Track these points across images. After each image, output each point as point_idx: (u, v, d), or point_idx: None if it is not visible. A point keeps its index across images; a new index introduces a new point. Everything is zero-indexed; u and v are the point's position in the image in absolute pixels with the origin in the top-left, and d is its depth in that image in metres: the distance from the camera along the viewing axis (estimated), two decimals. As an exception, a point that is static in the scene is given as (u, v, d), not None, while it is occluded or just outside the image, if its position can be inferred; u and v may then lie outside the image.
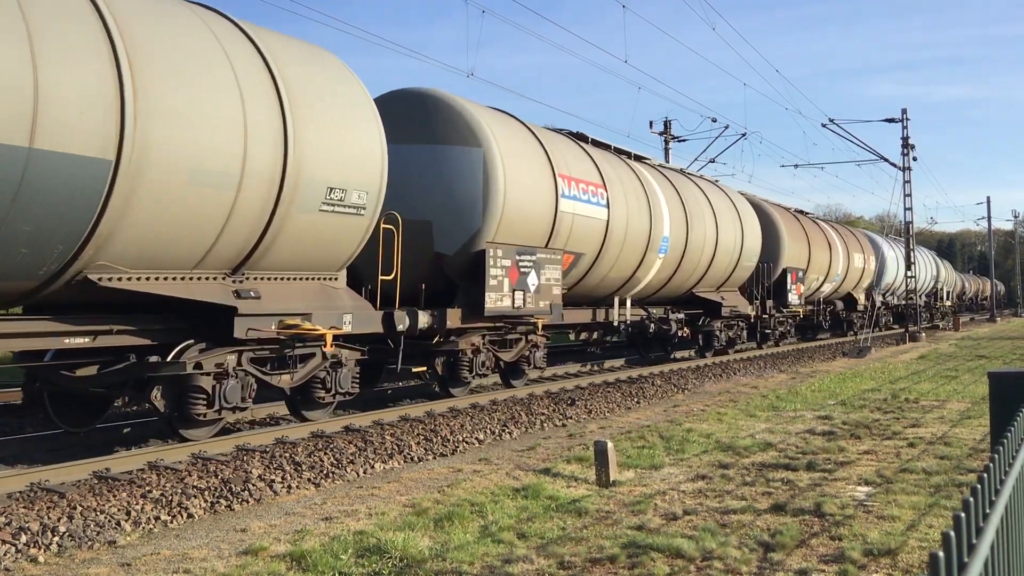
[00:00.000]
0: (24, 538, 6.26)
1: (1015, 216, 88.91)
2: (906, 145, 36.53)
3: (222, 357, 9.10)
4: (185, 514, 7.19)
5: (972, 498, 1.76)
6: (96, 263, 7.76)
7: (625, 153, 19.11)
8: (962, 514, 1.65)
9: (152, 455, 8.66)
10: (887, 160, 37.54)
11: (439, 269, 12.76)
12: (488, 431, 11.22)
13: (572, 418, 12.70)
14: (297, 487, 8.20)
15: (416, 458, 9.70)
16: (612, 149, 18.41)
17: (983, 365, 21.11)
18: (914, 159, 36.77)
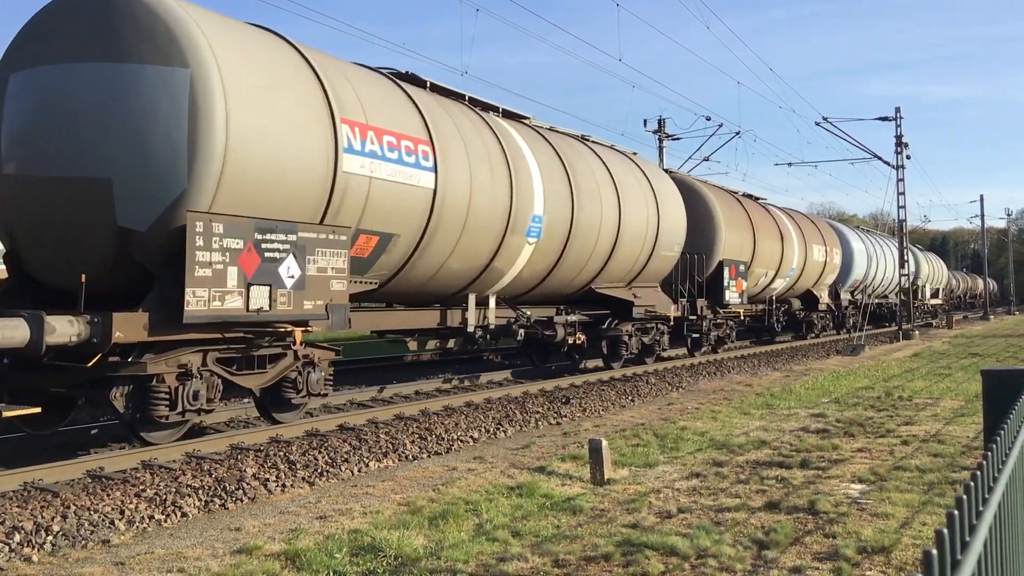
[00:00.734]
0: (18, 537, 6.25)
1: (1008, 214, 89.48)
2: (899, 143, 36.60)
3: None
4: (179, 513, 7.18)
5: (965, 496, 1.76)
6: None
7: (484, 106, 14.74)
8: (955, 512, 1.65)
9: (146, 454, 8.64)
10: (881, 158, 37.61)
11: (126, 254, 8.67)
12: (483, 429, 11.23)
13: (567, 416, 12.71)
14: (291, 486, 8.19)
15: (411, 456, 9.70)
16: (466, 100, 14.20)
17: (976, 363, 21.17)
18: (907, 157, 36.85)
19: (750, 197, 27.81)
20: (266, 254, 9.07)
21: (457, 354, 19.62)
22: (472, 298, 13.66)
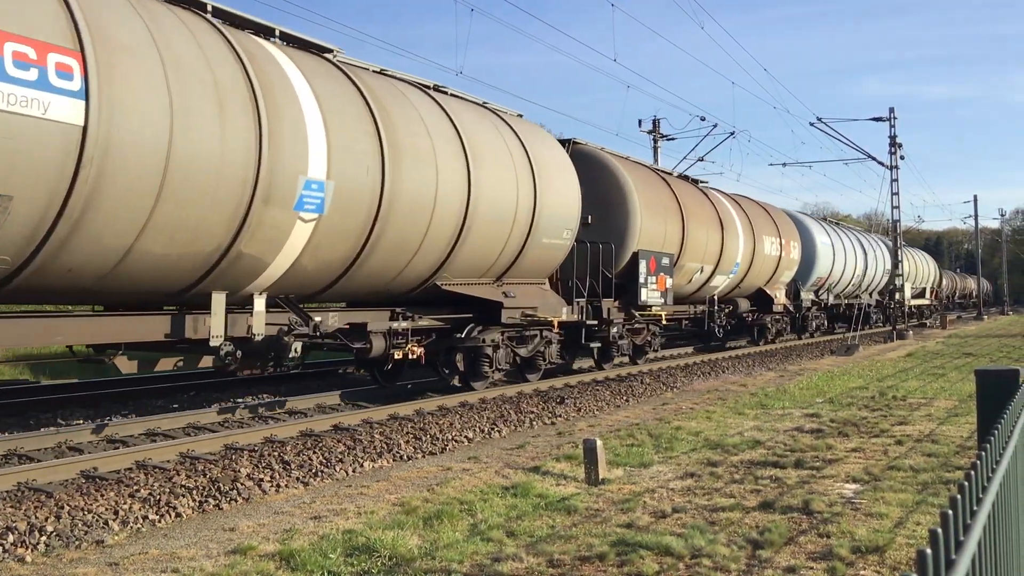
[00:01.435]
0: (11, 538, 6.23)
1: (1002, 215, 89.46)
2: (893, 144, 36.72)
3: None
4: (173, 513, 7.16)
5: (959, 495, 1.77)
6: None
7: (239, 21, 10.38)
8: (949, 511, 1.65)
9: (139, 454, 8.63)
10: (875, 159, 37.73)
11: None
12: (477, 429, 11.22)
13: (561, 416, 12.71)
14: (286, 486, 8.18)
15: (405, 456, 9.70)
16: (208, 10, 9.87)
17: (970, 363, 21.23)
18: (901, 158, 37.00)
19: (686, 179, 23.73)
20: None
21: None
22: (219, 297, 9.52)
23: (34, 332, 8.25)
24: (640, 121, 40.60)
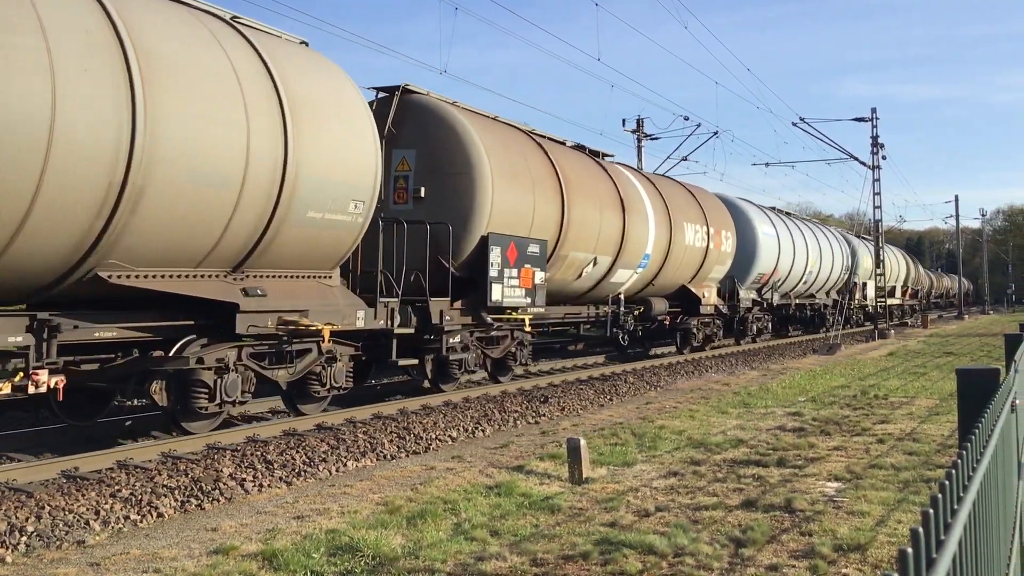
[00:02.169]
0: (-10, 539, 6.17)
1: (983, 215, 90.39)
2: (875, 144, 36.99)
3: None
4: (155, 513, 7.11)
5: (940, 494, 1.78)
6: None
7: None
8: (930, 510, 1.66)
9: (121, 454, 8.57)
10: (857, 159, 37.99)
11: None
12: (461, 428, 11.21)
13: (545, 416, 12.71)
14: (268, 486, 8.14)
15: (389, 456, 9.67)
16: None
17: (951, 362, 21.39)
18: (883, 158, 37.30)
19: (582, 149, 18.90)
20: None
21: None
22: None
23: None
24: (624, 120, 40.64)
